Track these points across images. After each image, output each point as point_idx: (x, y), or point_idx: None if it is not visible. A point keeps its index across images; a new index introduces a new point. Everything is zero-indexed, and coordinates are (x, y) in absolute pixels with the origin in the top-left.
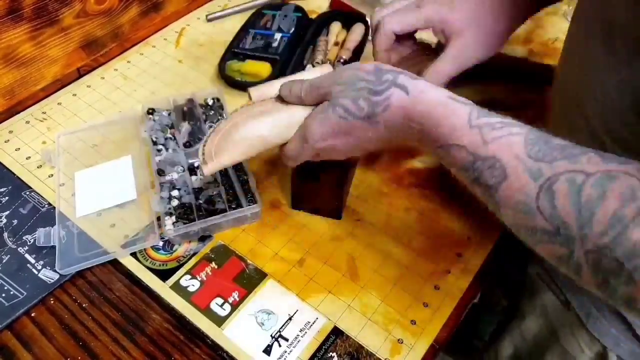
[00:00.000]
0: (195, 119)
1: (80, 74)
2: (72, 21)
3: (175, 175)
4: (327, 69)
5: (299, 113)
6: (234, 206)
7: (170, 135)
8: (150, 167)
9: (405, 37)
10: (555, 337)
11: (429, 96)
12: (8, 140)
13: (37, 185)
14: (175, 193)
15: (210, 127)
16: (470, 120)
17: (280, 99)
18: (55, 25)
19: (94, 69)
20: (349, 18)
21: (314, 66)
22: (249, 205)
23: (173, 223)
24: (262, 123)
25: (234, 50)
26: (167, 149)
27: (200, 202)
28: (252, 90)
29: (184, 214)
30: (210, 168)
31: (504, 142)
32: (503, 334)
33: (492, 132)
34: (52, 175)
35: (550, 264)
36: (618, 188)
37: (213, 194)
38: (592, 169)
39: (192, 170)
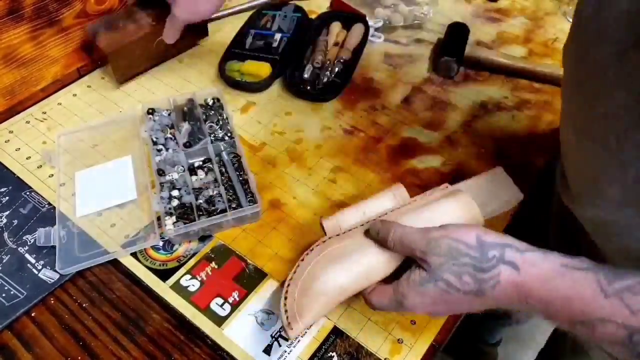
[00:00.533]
0: (195, 119)
1: (80, 74)
2: (73, 21)
3: (175, 175)
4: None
5: (381, 261)
6: (234, 206)
7: (170, 135)
8: (150, 167)
9: None
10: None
11: (543, 269)
12: (8, 140)
13: (37, 185)
14: (175, 193)
15: (211, 126)
16: (602, 288)
17: (356, 234)
18: (56, 26)
19: (94, 69)
20: (349, 18)
21: (313, 67)
22: (249, 205)
23: (173, 223)
24: (342, 272)
25: (234, 51)
26: (167, 149)
27: (200, 202)
28: (325, 222)
29: (184, 214)
30: (296, 332)
31: None
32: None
33: (634, 297)
34: (52, 175)
35: None
36: None
37: (213, 194)
38: None
39: (192, 170)
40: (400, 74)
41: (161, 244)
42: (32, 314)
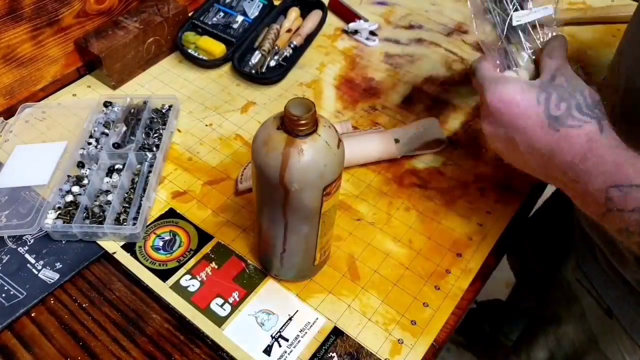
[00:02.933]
0: (134, 122)
1: (80, 74)
2: (72, 21)
3: (88, 172)
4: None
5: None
6: (120, 219)
7: (107, 132)
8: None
9: None
10: (594, 344)
11: (619, 143)
12: (8, 140)
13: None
14: (75, 189)
15: (148, 134)
16: None
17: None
18: (55, 25)
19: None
20: (309, 4)
21: (261, 54)
22: (132, 225)
23: (54, 219)
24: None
25: (194, 22)
26: (97, 145)
27: (95, 204)
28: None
29: (68, 213)
30: None
31: None
32: (535, 337)
33: None
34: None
35: (590, 269)
36: None
37: (110, 201)
38: None
39: (113, 171)
40: (401, 73)
41: (161, 244)
42: (32, 314)
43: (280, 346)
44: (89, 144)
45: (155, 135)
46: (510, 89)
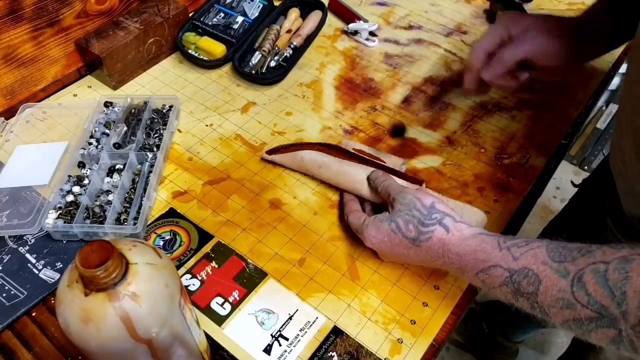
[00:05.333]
0: (135, 122)
1: (80, 74)
2: (73, 21)
3: (89, 172)
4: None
5: (355, 180)
6: (121, 219)
7: (108, 132)
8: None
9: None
10: None
11: (464, 234)
12: (9, 140)
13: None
14: (76, 189)
15: (149, 134)
16: (499, 245)
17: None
18: (56, 26)
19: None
20: (309, 5)
21: (261, 55)
22: (132, 225)
23: (54, 219)
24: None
25: (195, 22)
26: (98, 145)
27: (96, 204)
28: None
29: (69, 213)
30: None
31: (530, 255)
32: None
33: (518, 249)
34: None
35: None
36: (636, 267)
37: (110, 201)
38: (609, 258)
39: (113, 171)
40: (400, 74)
41: (161, 243)
42: (33, 314)
43: (280, 345)
44: (90, 144)
45: (156, 135)
46: (372, 230)
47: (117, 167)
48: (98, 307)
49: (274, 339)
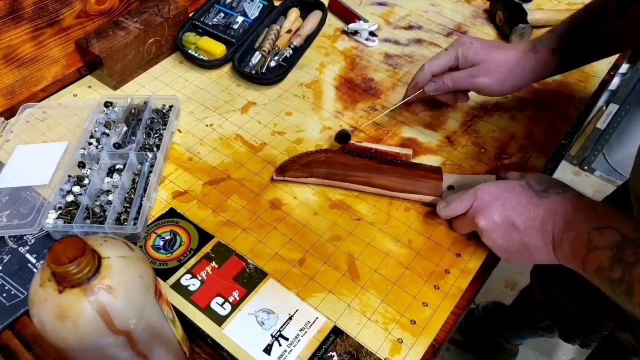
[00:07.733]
0: (135, 122)
1: (80, 74)
2: (73, 21)
3: (89, 172)
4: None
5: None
6: (121, 220)
7: (108, 132)
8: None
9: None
10: None
11: (591, 199)
12: (9, 140)
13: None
14: (76, 189)
15: (149, 134)
16: (623, 213)
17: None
18: (56, 26)
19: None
20: (309, 5)
21: (262, 55)
22: (132, 225)
23: (54, 219)
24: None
25: (195, 22)
26: (98, 145)
27: (96, 204)
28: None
29: (69, 213)
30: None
31: None
32: None
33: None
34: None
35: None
36: None
37: (110, 201)
38: None
39: (114, 171)
40: (400, 74)
41: (161, 243)
42: None
43: (280, 345)
44: (90, 144)
45: (156, 135)
46: (492, 185)
47: (117, 167)
48: (74, 302)
49: (274, 339)
